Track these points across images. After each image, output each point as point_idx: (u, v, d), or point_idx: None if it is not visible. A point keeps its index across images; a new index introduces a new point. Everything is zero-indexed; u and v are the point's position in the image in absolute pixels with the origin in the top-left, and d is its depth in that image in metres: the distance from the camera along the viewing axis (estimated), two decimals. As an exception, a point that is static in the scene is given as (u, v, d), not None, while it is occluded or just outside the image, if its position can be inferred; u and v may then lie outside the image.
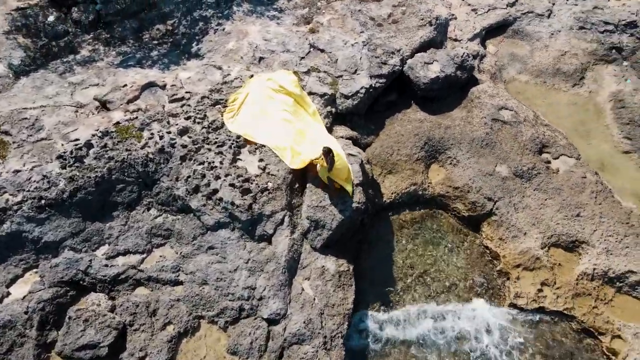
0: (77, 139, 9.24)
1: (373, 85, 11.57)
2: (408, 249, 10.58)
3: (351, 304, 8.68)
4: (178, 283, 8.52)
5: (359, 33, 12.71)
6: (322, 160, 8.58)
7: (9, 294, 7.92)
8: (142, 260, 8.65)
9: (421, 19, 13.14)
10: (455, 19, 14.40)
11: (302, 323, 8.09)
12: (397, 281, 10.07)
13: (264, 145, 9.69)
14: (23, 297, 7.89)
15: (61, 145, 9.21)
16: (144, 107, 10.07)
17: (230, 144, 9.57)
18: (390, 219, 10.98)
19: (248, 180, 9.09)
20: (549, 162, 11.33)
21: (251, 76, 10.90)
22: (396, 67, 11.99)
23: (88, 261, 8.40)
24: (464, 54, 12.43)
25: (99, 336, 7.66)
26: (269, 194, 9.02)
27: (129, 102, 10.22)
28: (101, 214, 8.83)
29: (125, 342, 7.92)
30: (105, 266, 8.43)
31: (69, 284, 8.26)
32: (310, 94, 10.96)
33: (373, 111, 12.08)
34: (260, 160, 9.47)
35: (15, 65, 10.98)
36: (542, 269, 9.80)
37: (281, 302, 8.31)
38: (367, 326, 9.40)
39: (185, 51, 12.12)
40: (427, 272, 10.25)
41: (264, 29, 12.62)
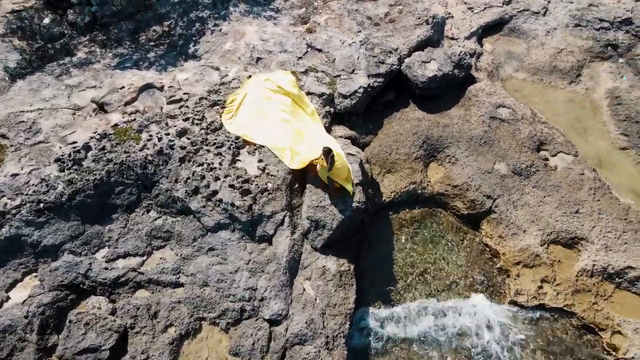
0: (75, 142, 9.21)
1: (371, 85, 11.57)
2: (408, 248, 10.59)
3: (352, 303, 8.68)
4: (179, 285, 8.49)
5: (356, 32, 12.70)
6: (322, 160, 8.57)
7: (8, 298, 7.87)
8: (142, 263, 8.62)
9: (418, 18, 13.15)
10: (452, 17, 14.44)
11: (304, 323, 8.08)
12: (398, 280, 10.07)
13: (263, 146, 9.67)
14: (23, 302, 7.84)
15: (59, 148, 9.16)
16: (142, 109, 10.03)
17: (229, 145, 9.54)
18: (389, 218, 10.99)
19: (248, 181, 9.07)
20: (547, 159, 11.37)
21: (249, 77, 10.89)
22: (394, 66, 11.99)
23: (88, 264, 8.36)
24: (461, 52, 12.45)
25: (100, 339, 7.62)
26: (269, 194, 9.00)
27: (126, 104, 10.18)
28: (100, 217, 8.79)
29: (126, 345, 7.87)
30: (105, 269, 8.39)
31: (69, 287, 8.22)
32: (308, 94, 10.96)
33: (371, 110, 12.07)
34: (260, 160, 9.45)
35: (11, 68, 10.92)
36: (541, 266, 9.82)
37: (282, 303, 8.30)
38: (368, 324, 9.39)
39: (182, 52, 12.07)
40: (427, 270, 10.26)
41: (261, 30, 12.59)
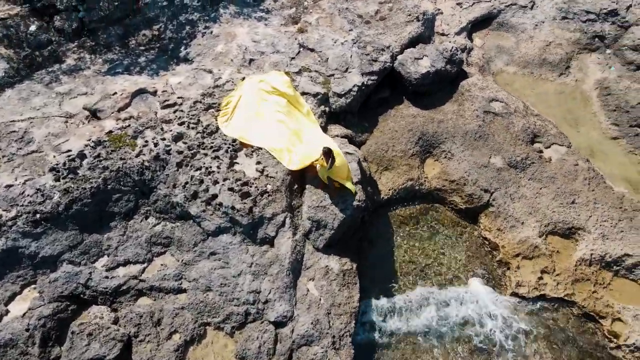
0: (69, 150, 9.05)
1: (365, 83, 11.58)
2: (408, 245, 10.61)
3: (357, 302, 8.67)
4: (181, 291, 8.40)
5: (348, 31, 12.70)
6: (322, 160, 8.54)
7: (7, 312, 7.71)
8: (143, 270, 8.50)
9: (408, 15, 13.19)
10: (442, 13, 14.52)
11: (310, 324, 8.05)
12: (398, 277, 10.10)
13: (261, 148, 9.62)
14: (23, 315, 7.68)
15: (53, 157, 9.00)
16: (136, 115, 9.91)
17: (227, 148, 9.47)
18: (388, 215, 11.02)
19: (247, 183, 9.01)
20: (541, 151, 11.49)
21: (243, 78, 10.81)
22: (387, 64, 12.01)
23: (88, 274, 8.23)
24: (452, 47, 12.52)
25: (104, 349, 7.51)
26: (269, 196, 8.95)
27: (120, 110, 10.04)
28: (99, 225, 8.66)
29: (130, 354, 7.76)
30: (105, 278, 8.27)
31: (69, 298, 8.08)
32: (303, 94, 10.91)
33: (366, 109, 12.09)
34: (258, 162, 9.40)
35: (-2, 78, 10.71)
36: (541, 257, 9.93)
37: (287, 304, 8.27)
38: (371, 319, 9.44)
39: (174, 56, 11.94)
40: (427, 266, 10.30)
41: (253, 31, 12.52)
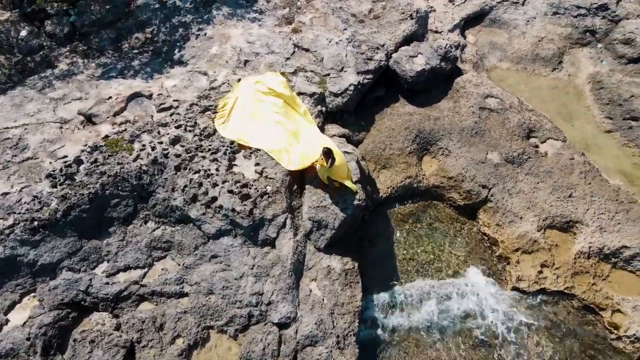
0: (65, 156, 8.96)
1: (361, 82, 11.58)
2: (407, 242, 10.63)
3: (360, 301, 8.67)
4: (183, 295, 8.34)
5: (342, 30, 12.70)
6: (322, 160, 8.53)
7: (7, 321, 7.60)
8: (144, 275, 8.44)
9: (402, 13, 13.22)
10: (434, 11, 14.57)
11: (314, 324, 8.04)
12: (399, 275, 10.11)
13: (259, 149, 9.59)
14: (23, 323, 7.58)
15: (49, 163, 8.90)
16: (132, 119, 9.83)
17: (225, 150, 9.42)
18: (387, 213, 11.03)
19: (246, 185, 8.97)
20: (537, 146, 11.58)
21: (239, 80, 10.76)
22: (382, 62, 12.03)
23: (88, 280, 8.15)
24: (446, 45, 12.57)
25: (107, 356, 7.44)
26: (269, 197, 8.92)
27: (115, 115, 9.95)
28: (97, 231, 8.58)
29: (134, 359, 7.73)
30: (106, 284, 8.18)
31: (69, 305, 7.98)
32: (299, 94, 10.90)
33: (362, 107, 12.09)
34: (257, 164, 9.36)
35: (-10, 84, 10.58)
36: (540, 251, 10.00)
37: (290, 305, 8.24)
38: (372, 315, 9.49)
39: (168, 59, 11.85)
40: (428, 263, 10.33)
41: (247, 32, 12.47)
